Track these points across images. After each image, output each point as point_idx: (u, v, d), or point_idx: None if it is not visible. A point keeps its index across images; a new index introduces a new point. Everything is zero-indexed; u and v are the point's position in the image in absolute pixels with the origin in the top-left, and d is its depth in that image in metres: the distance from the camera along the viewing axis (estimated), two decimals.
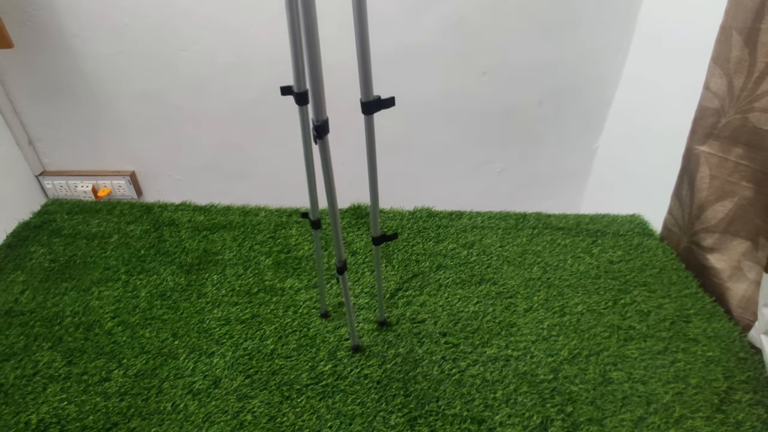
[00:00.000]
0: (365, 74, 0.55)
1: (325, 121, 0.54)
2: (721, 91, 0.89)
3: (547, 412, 0.74)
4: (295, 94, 0.62)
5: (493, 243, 1.09)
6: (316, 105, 0.53)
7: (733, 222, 0.92)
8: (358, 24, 0.51)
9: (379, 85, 1.38)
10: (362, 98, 0.56)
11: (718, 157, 0.92)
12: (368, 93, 0.56)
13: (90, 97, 1.35)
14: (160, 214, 1.16)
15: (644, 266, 1.03)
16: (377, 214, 0.71)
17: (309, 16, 0.48)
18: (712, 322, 0.90)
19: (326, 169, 0.58)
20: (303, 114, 0.64)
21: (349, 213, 1.17)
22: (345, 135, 0.94)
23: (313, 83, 0.52)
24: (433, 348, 0.84)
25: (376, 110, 0.57)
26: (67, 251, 1.05)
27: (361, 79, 0.55)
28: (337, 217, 0.63)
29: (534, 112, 1.36)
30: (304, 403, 0.74)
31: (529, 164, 1.47)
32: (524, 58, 1.26)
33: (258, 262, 1.02)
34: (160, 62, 1.26)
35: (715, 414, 0.74)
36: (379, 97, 0.56)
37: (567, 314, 0.91)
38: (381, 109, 0.57)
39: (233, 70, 1.27)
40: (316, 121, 0.54)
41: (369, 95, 0.56)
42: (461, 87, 1.30)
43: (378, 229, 0.73)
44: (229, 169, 1.48)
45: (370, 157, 0.63)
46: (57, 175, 1.51)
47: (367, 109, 0.57)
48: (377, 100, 0.56)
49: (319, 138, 0.55)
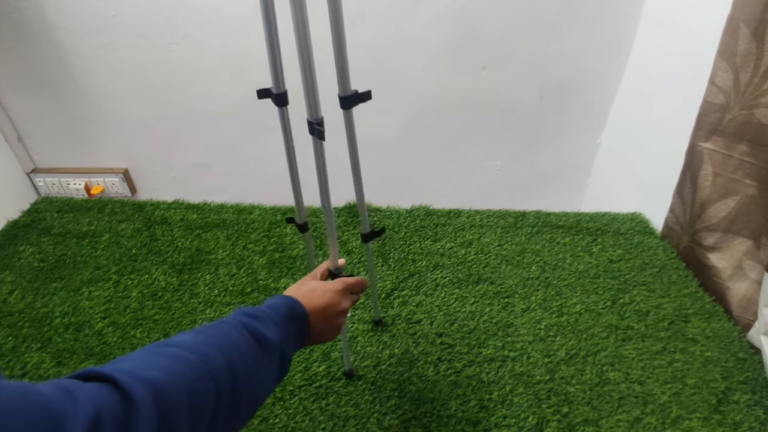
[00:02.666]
0: (342, 68, 0.53)
1: (322, 120, 0.53)
2: (726, 86, 0.87)
3: (542, 413, 0.73)
4: (274, 95, 0.59)
5: (492, 242, 1.07)
6: (310, 103, 0.51)
7: (736, 220, 0.91)
8: (333, 14, 0.49)
9: (375, 79, 1.36)
10: (340, 93, 0.55)
11: (721, 154, 0.91)
12: (345, 87, 0.54)
13: (78, 92, 1.32)
14: (152, 213, 1.15)
15: (644, 265, 1.01)
16: (365, 210, 0.69)
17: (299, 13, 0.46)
18: (712, 322, 0.88)
19: (321, 170, 0.56)
20: (283, 116, 0.62)
21: (344, 211, 1.15)
22: (339, 129, 0.92)
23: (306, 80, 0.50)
24: (428, 349, 0.82)
25: (355, 104, 0.55)
26: (56, 250, 1.03)
27: (338, 72, 0.53)
28: (332, 222, 0.62)
29: (534, 108, 1.34)
30: (297, 405, 0.73)
31: (529, 161, 1.45)
32: (525, 51, 1.23)
33: (252, 261, 1.01)
34: (149, 56, 1.23)
35: (712, 415, 0.73)
36: (356, 91, 0.55)
37: (565, 314, 0.89)
38: (359, 102, 0.55)
39: (225, 65, 1.24)
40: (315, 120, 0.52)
41: (347, 89, 0.54)
42: (460, 81, 1.28)
43: (367, 225, 0.71)
44: (224, 166, 1.46)
45: (352, 152, 0.61)
46: (49, 172, 1.50)
47: (346, 103, 0.55)
48: (355, 94, 0.55)
49: (321, 138, 0.53)
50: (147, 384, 0.28)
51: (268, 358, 0.40)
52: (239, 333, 0.39)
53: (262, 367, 0.39)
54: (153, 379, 0.29)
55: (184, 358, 0.33)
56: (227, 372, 0.35)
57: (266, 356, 0.40)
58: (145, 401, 0.27)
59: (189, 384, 0.31)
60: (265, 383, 0.40)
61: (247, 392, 0.36)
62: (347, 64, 0.53)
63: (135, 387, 0.27)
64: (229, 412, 0.34)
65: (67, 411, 0.23)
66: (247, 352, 0.38)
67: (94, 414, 0.24)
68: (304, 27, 0.47)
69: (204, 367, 0.33)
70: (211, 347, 0.36)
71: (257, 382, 0.38)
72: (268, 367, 0.40)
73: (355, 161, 0.62)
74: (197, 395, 0.31)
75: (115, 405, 0.26)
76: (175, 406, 0.29)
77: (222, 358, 0.35)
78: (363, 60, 1.22)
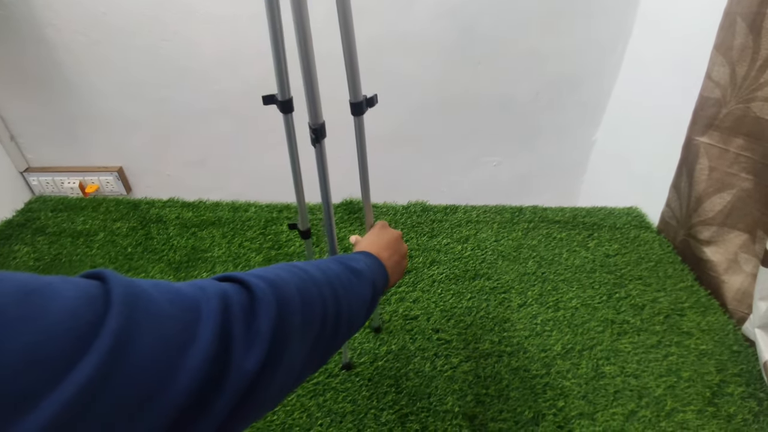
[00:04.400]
0: (353, 74, 0.52)
1: (322, 125, 0.52)
2: (723, 81, 0.87)
3: (538, 407, 0.73)
4: (279, 102, 0.58)
5: (488, 237, 1.07)
6: (312, 109, 0.51)
7: (731, 214, 0.91)
8: (343, 22, 0.49)
9: (371, 75, 1.35)
10: (351, 99, 0.54)
11: (718, 148, 0.91)
12: (357, 93, 0.54)
13: (70, 90, 1.31)
14: (147, 211, 1.14)
15: (640, 259, 1.02)
16: (372, 217, 0.69)
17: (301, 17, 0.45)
18: (707, 316, 0.89)
19: (323, 176, 0.56)
20: (288, 122, 0.61)
21: (341, 208, 1.15)
22: (336, 128, 0.91)
23: (307, 86, 0.49)
24: (425, 344, 0.83)
25: (365, 110, 0.55)
26: (51, 250, 1.02)
27: (348, 79, 0.53)
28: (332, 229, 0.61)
29: (531, 104, 1.34)
30: (294, 401, 0.73)
31: (525, 157, 1.45)
32: (521, 47, 1.23)
33: (248, 259, 1.00)
34: (140, 53, 1.22)
35: (706, 407, 0.73)
36: (366, 96, 0.54)
37: (561, 309, 0.90)
38: (368, 108, 0.55)
39: (219, 62, 1.23)
40: (313, 125, 0.52)
41: (358, 96, 0.54)
42: (456, 77, 1.28)
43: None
44: (219, 164, 1.45)
45: (362, 161, 0.61)
46: (42, 171, 1.48)
47: (357, 110, 0.55)
48: (367, 100, 0.54)
49: (317, 142, 0.53)
50: (268, 282, 0.32)
51: (362, 288, 0.43)
52: (335, 264, 0.42)
53: (357, 295, 0.42)
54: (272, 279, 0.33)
55: (296, 272, 0.37)
56: (330, 291, 0.38)
57: (361, 285, 0.43)
58: (266, 294, 0.31)
59: (301, 291, 0.35)
60: (360, 310, 0.42)
61: (346, 313, 0.39)
62: (358, 70, 0.52)
63: (258, 283, 0.32)
64: (330, 330, 0.37)
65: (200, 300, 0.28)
66: (345, 279, 0.41)
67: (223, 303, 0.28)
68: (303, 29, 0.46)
69: (312, 282, 0.37)
70: (316, 269, 0.39)
71: (355, 305, 0.41)
72: (363, 296, 0.43)
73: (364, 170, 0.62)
74: (308, 302, 0.35)
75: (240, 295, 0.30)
76: (290, 305, 0.33)
77: (325, 279, 0.39)
78: (358, 56, 1.22)
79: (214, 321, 0.27)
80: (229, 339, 0.27)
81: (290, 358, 0.32)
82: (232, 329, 0.28)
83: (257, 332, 0.29)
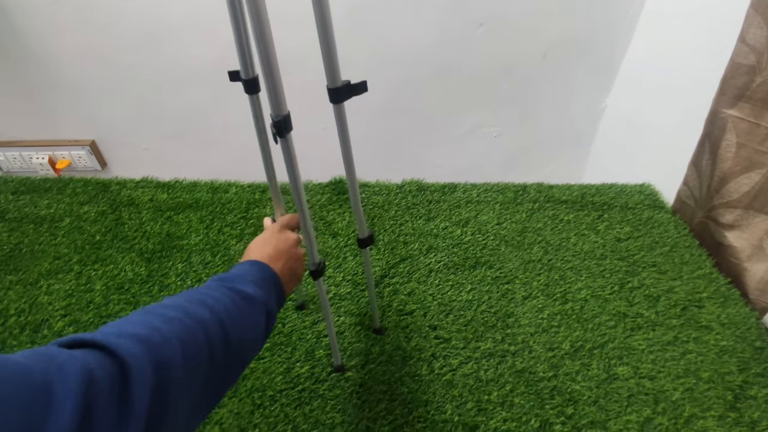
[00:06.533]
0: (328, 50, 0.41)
1: (285, 117, 0.42)
2: (759, 45, 0.76)
3: (546, 414, 0.67)
4: (243, 81, 0.49)
5: (490, 220, 0.98)
6: (273, 96, 0.40)
7: (759, 197, 0.82)
8: None
9: (361, 37, 1.21)
10: (329, 84, 0.44)
11: (748, 122, 0.81)
12: (335, 76, 0.43)
13: (29, 57, 1.18)
14: (118, 193, 1.04)
15: (654, 244, 0.94)
16: (361, 213, 0.60)
17: None
18: (727, 307, 0.82)
19: (291, 172, 0.46)
20: (254, 104, 0.51)
21: (329, 188, 1.05)
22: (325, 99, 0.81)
23: (266, 71, 0.39)
24: (422, 344, 0.76)
25: (347, 98, 0.44)
26: (11, 238, 0.93)
27: (324, 57, 0.42)
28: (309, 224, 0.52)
29: (536, 68, 1.21)
30: (278, 412, 0.67)
31: (529, 127, 1.34)
32: (527, 5, 1.10)
33: (228, 246, 0.92)
34: (100, 15, 1.08)
35: (728, 413, 0.67)
36: (349, 82, 0.44)
37: (569, 301, 0.82)
38: (352, 96, 0.44)
39: (191, 24, 1.10)
40: (275, 117, 0.41)
41: (336, 79, 0.43)
42: (454, 40, 1.14)
43: (365, 229, 0.62)
44: (198, 137, 1.34)
45: (346, 154, 0.51)
46: (8, 145, 1.37)
47: (336, 96, 0.44)
48: (347, 86, 0.44)
49: (280, 137, 0.42)
50: (140, 342, 0.27)
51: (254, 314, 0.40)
52: (220, 291, 0.39)
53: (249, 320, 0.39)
54: (143, 336, 0.28)
55: (169, 316, 0.32)
56: (216, 324, 0.35)
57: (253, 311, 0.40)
58: (140, 359, 0.26)
59: (184, 342, 0.30)
60: (254, 336, 0.40)
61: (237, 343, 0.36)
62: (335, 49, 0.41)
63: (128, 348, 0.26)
64: (222, 369, 0.34)
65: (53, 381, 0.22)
66: (232, 307, 0.38)
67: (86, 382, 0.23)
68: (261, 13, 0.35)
69: (191, 321, 0.33)
70: (194, 304, 0.35)
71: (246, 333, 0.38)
72: (256, 322, 0.40)
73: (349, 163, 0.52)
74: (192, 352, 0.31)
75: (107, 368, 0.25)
76: (170, 360, 0.28)
77: (208, 312, 0.35)
78: (336, 15, 1.08)
79: (73, 405, 0.22)
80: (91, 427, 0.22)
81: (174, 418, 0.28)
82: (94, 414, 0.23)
83: (130, 412, 0.25)
